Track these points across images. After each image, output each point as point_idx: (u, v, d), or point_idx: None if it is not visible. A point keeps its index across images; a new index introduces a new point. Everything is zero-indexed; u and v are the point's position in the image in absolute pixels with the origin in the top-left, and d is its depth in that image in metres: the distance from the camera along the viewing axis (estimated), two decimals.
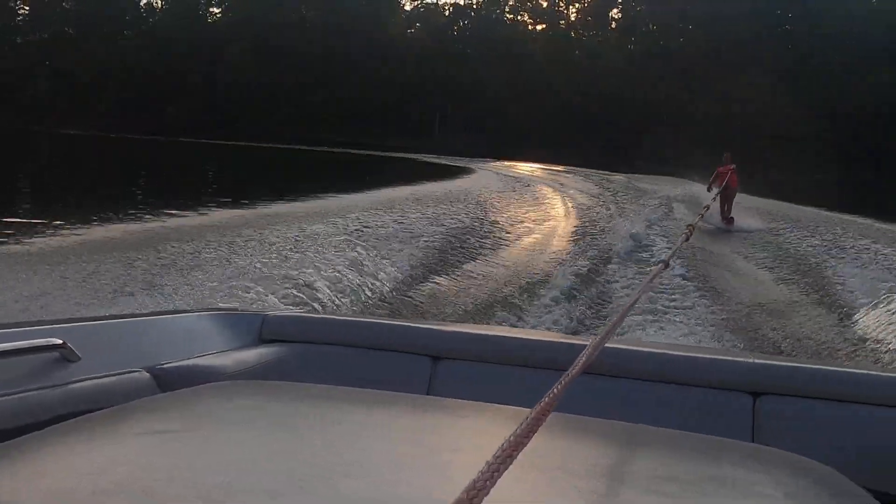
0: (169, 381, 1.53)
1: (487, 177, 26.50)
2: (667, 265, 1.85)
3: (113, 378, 1.48)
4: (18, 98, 57.49)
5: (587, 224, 14.27)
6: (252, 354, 1.87)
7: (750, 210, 15.55)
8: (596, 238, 12.17)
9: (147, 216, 11.36)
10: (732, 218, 14.39)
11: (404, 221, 11.46)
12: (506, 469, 0.60)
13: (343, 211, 12.01)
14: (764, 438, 1.65)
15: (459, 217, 12.69)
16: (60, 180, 17.52)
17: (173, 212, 11.90)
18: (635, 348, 1.88)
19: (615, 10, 72.29)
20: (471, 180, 24.42)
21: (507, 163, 39.77)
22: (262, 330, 2.01)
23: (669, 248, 10.54)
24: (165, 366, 1.61)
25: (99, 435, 0.90)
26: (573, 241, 11.96)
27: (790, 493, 0.85)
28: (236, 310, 2.41)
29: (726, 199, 14.00)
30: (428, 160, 39.50)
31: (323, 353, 1.97)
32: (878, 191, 35.90)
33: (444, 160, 39.74)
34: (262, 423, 1.00)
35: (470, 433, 1.01)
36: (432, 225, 11.43)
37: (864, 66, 56.50)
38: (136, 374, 1.54)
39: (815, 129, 52.19)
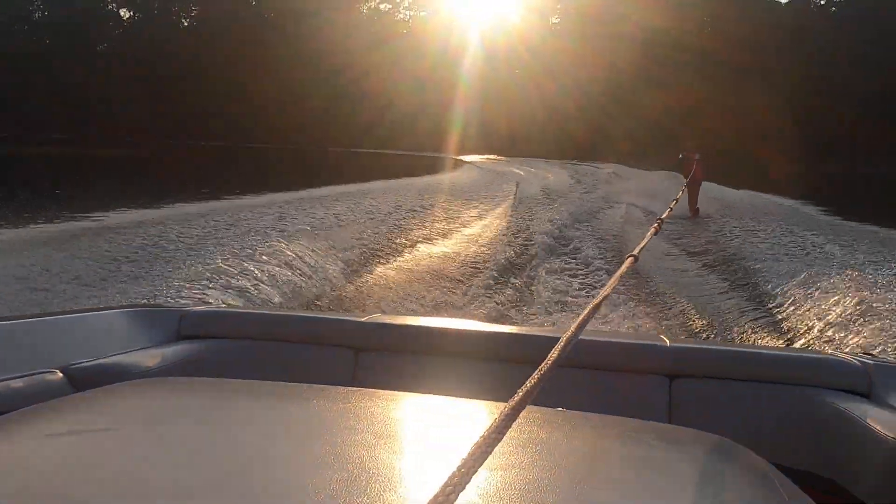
0: (84, 381, 1.47)
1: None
2: (636, 259, 1.86)
3: (24, 379, 1.43)
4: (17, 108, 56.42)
5: None
6: (171, 351, 1.81)
7: (708, 199, 15.82)
8: None
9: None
10: (698, 209, 14.53)
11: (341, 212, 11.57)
12: (481, 464, 0.59)
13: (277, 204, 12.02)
14: (679, 419, 1.69)
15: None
16: None
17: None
18: (555, 335, 1.87)
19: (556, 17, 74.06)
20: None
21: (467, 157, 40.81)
22: (180, 326, 1.96)
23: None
24: (80, 365, 1.55)
25: (10, 436, 0.86)
26: None
27: (704, 471, 0.88)
28: (154, 306, 2.33)
29: (692, 190, 14.06)
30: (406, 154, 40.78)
31: (243, 349, 1.92)
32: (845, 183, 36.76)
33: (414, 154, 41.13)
34: (181, 421, 0.96)
35: (395, 424, 0.99)
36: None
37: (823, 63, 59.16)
38: (48, 374, 1.48)
39: (769, 123, 53.74)
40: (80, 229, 9.14)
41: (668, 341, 1.92)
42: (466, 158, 38.80)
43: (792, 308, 6.52)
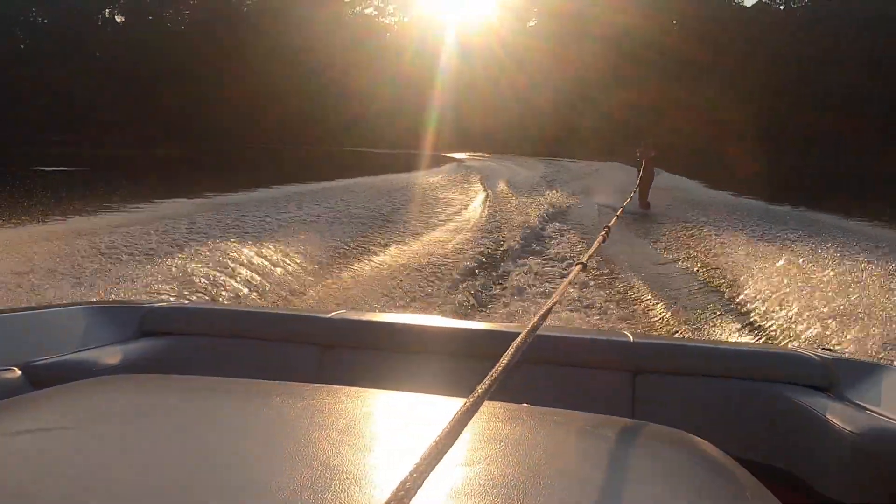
0: (43, 379, 1.42)
1: None
2: (584, 267, 1.85)
3: None
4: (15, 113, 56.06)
5: None
6: (133, 348, 1.77)
7: (663, 192, 16.18)
8: None
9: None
10: (649, 203, 15.16)
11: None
12: (439, 461, 0.59)
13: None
14: (643, 414, 1.67)
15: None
16: None
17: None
18: (515, 332, 1.82)
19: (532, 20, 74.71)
20: None
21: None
22: (142, 322, 1.91)
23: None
24: (39, 363, 1.52)
25: None
26: None
27: (666, 465, 0.89)
28: (116, 302, 2.28)
29: (644, 185, 14.61)
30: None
31: (207, 345, 1.88)
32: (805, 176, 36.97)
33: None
34: (144, 419, 0.94)
35: (361, 421, 0.97)
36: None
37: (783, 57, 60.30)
38: (6, 371, 1.45)
39: (733, 117, 54.45)
40: (48, 231, 8.94)
41: (631, 337, 1.91)
42: (457, 156, 38.93)
43: (753, 303, 6.56)
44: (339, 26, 70.06)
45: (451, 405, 0.96)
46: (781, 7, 71.12)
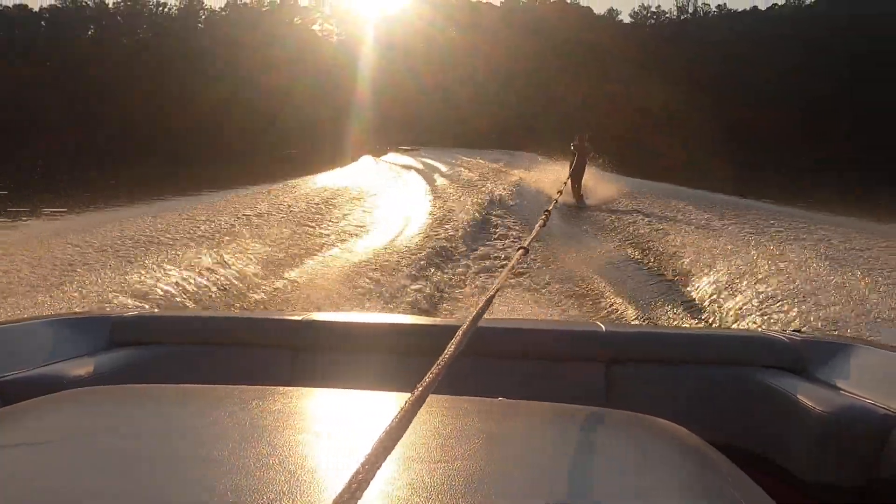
0: (13, 394, 1.40)
1: None
2: (526, 251, 1.84)
3: None
4: None
5: None
6: (104, 359, 1.73)
7: (607, 186, 16.05)
8: None
9: None
10: (582, 195, 15.03)
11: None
12: (388, 455, 0.59)
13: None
14: (617, 403, 1.71)
15: None
16: None
17: None
18: (490, 326, 1.80)
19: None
20: None
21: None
22: (112, 333, 1.87)
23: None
24: (8, 378, 1.49)
25: None
26: None
27: (641, 452, 0.90)
28: (84, 314, 2.20)
29: (575, 178, 14.60)
30: None
31: (178, 354, 1.85)
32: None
33: None
34: (117, 430, 0.92)
35: (335, 422, 0.96)
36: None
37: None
38: None
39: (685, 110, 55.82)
40: None
41: (603, 327, 1.94)
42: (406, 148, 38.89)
43: (719, 289, 6.59)
44: (285, 40, 70.26)
45: (427, 402, 0.96)
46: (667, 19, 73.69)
